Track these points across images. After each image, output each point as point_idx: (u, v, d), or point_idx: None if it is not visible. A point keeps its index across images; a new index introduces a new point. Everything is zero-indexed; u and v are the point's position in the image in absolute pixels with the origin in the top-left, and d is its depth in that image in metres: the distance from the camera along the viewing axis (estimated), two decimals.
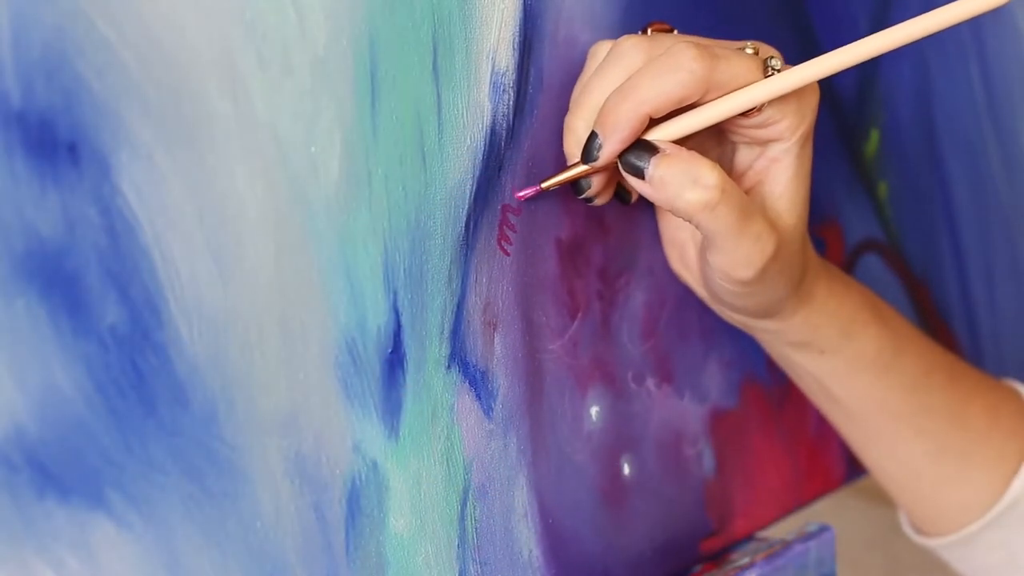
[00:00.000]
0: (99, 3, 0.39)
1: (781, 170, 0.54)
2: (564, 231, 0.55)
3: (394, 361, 0.49)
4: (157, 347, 0.42)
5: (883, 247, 0.72)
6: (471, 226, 0.51)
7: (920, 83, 0.74)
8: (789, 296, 0.56)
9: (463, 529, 0.51)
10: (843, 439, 0.66)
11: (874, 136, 0.72)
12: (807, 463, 0.68)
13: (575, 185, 0.54)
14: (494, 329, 0.53)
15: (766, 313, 0.57)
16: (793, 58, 0.54)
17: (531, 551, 0.54)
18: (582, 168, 0.52)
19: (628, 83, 0.50)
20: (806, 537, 0.63)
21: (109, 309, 0.40)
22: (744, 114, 0.52)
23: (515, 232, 0.53)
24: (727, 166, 0.55)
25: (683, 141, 0.52)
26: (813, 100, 0.53)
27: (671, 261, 0.59)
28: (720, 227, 0.51)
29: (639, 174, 0.51)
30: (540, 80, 0.54)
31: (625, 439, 0.58)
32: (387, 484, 0.49)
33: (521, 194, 0.53)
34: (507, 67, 0.52)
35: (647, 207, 0.59)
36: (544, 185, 0.53)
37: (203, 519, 0.43)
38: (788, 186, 0.54)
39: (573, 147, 0.53)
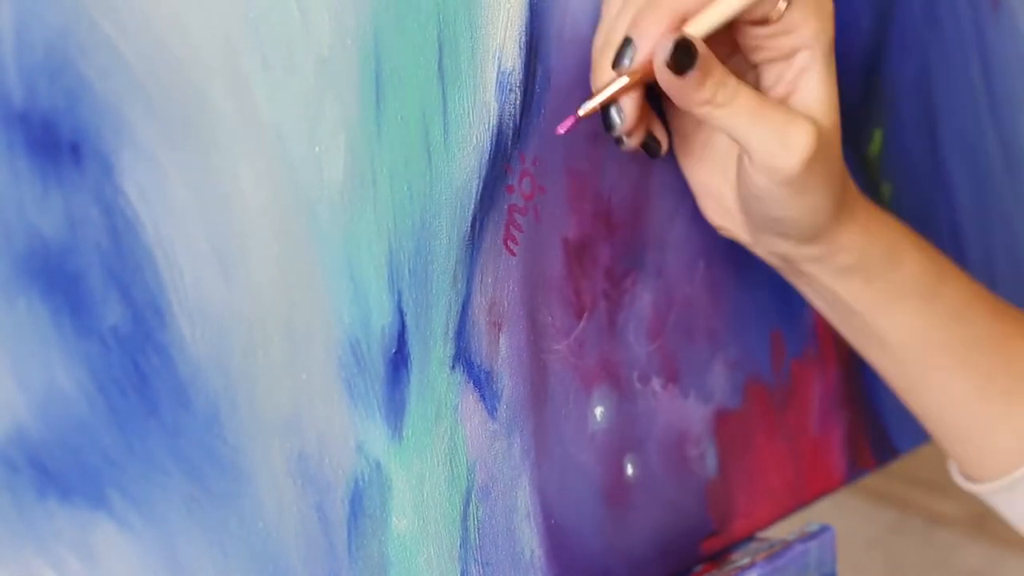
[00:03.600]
0: (102, 3, 0.39)
1: (811, 76, 0.54)
2: (571, 231, 0.55)
3: (398, 361, 0.49)
4: (159, 347, 0.41)
5: None
6: (477, 226, 0.51)
7: (922, 84, 0.74)
8: (833, 209, 0.57)
9: (465, 530, 0.51)
10: (889, 384, 0.66)
11: (877, 137, 0.72)
12: (808, 463, 0.68)
13: (606, 121, 0.53)
14: (499, 329, 0.52)
15: (814, 230, 0.57)
16: None
17: (533, 551, 0.54)
18: (616, 86, 0.52)
19: None
20: (807, 537, 0.63)
21: (111, 309, 0.40)
22: (768, 22, 0.53)
23: (521, 232, 0.53)
24: (754, 87, 0.56)
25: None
26: (829, 5, 0.54)
27: (709, 215, 0.60)
28: (746, 116, 0.52)
29: (683, 69, 0.51)
30: (547, 79, 0.54)
31: (629, 439, 0.58)
32: (390, 484, 0.49)
33: (563, 126, 0.53)
34: (513, 67, 0.52)
35: (657, 203, 0.59)
36: (581, 113, 0.53)
37: (205, 519, 0.43)
38: (821, 89, 0.55)
39: (602, 72, 0.53)
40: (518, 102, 0.52)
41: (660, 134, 0.56)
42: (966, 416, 0.64)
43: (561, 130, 0.53)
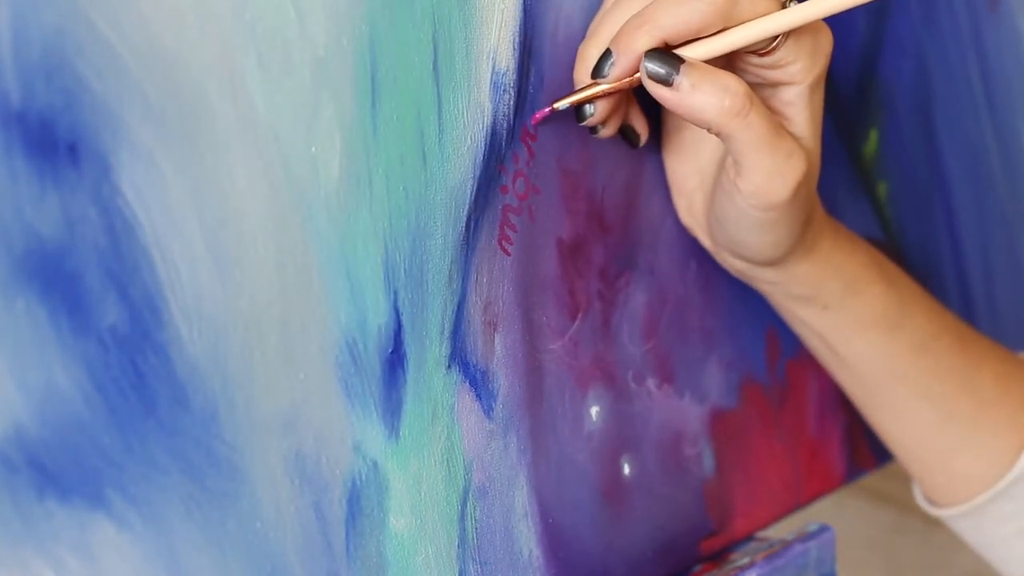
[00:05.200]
0: (99, 3, 0.39)
1: (797, 112, 0.54)
2: (565, 231, 0.56)
3: (394, 361, 0.49)
4: (157, 347, 0.42)
5: (883, 247, 0.72)
6: (472, 226, 0.51)
7: (919, 83, 0.74)
8: (792, 245, 0.56)
9: (463, 529, 0.51)
10: (851, 401, 0.65)
11: (873, 136, 0.72)
12: (807, 463, 0.68)
13: (577, 112, 0.53)
14: (494, 329, 0.53)
15: (770, 260, 0.57)
16: None
17: (531, 551, 0.54)
18: (596, 89, 0.52)
19: (647, 9, 0.51)
20: (806, 537, 0.63)
21: (109, 309, 0.40)
22: (759, 53, 0.52)
23: (516, 232, 0.53)
24: None
25: None
26: (827, 45, 0.53)
27: (679, 212, 0.60)
28: (753, 137, 0.51)
29: (666, 81, 0.51)
30: (541, 80, 0.54)
31: (625, 439, 0.58)
32: (387, 484, 0.49)
33: (536, 116, 0.53)
34: (507, 67, 0.52)
35: (649, 203, 0.59)
36: (556, 105, 0.53)
37: (203, 519, 0.43)
38: (806, 126, 0.54)
39: (583, 74, 0.53)
40: (512, 102, 0.52)
41: (639, 125, 0.56)
42: (928, 442, 0.63)
43: (535, 119, 0.53)
